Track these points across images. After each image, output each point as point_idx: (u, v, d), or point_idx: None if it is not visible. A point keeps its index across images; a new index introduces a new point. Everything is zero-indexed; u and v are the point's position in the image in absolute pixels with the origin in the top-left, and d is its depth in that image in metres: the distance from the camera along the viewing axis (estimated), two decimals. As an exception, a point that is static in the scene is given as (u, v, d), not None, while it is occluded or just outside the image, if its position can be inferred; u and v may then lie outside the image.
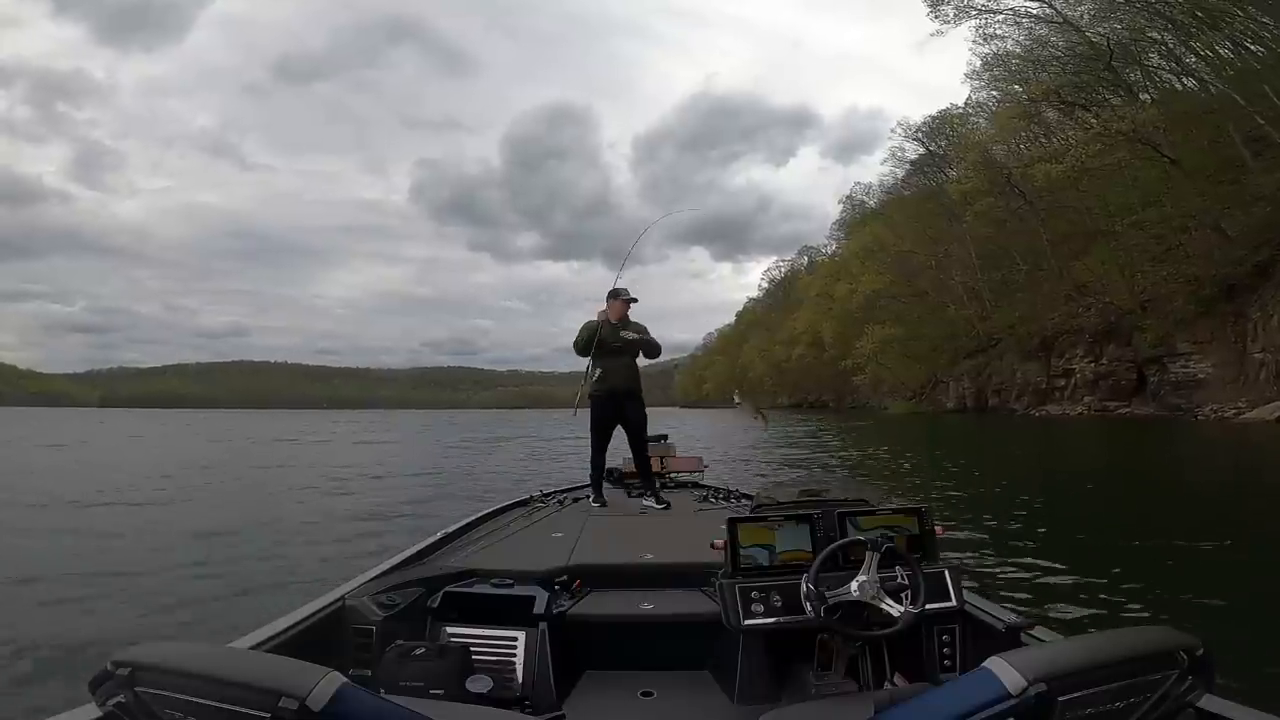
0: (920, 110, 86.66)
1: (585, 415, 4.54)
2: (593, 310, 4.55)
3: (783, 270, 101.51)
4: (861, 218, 64.02)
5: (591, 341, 4.41)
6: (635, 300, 4.50)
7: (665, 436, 5.77)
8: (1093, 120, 34.04)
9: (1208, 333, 28.39)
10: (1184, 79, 35.01)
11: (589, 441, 4.58)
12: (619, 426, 4.57)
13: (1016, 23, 38.05)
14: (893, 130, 56.44)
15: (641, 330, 4.49)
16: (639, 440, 4.57)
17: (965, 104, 47.75)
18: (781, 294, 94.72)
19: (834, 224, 73.74)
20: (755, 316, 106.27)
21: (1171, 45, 33.53)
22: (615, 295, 4.48)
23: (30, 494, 9.69)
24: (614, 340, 4.39)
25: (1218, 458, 14.49)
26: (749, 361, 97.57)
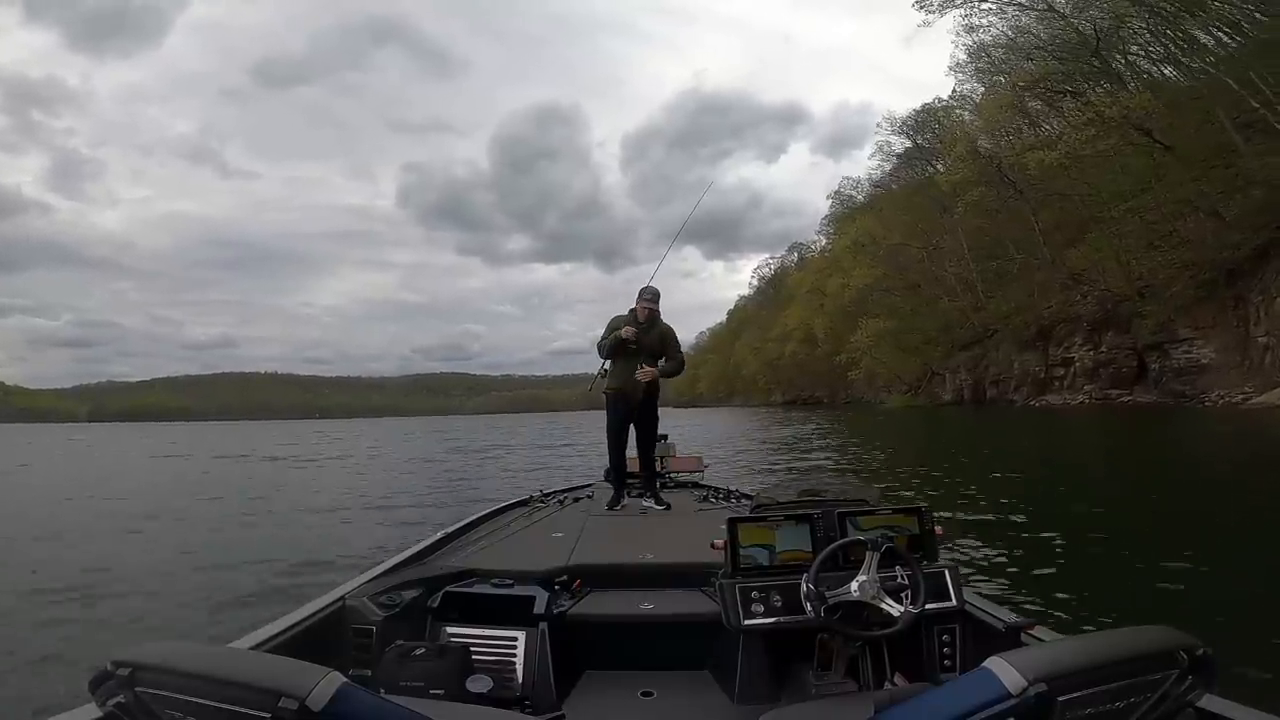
0: (911, 104, 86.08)
1: (593, 416, 4.31)
2: (586, 313, 4.40)
3: (773, 267, 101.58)
4: (851, 212, 63.71)
5: (611, 344, 4.40)
6: (650, 303, 4.40)
7: (665, 436, 5.69)
8: (1077, 108, 33.81)
9: (1209, 318, 28.08)
10: (1163, 66, 35.05)
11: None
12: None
13: (1001, 11, 37.92)
14: (879, 124, 56.13)
15: (666, 335, 4.46)
16: (647, 441, 4.60)
17: (950, 97, 47.78)
18: (772, 291, 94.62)
19: (823, 219, 73.41)
20: (747, 314, 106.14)
21: (1154, 32, 33.48)
22: (639, 295, 4.47)
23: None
24: (630, 340, 4.36)
25: (1235, 445, 14.00)
26: (742, 359, 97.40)
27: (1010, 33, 38.26)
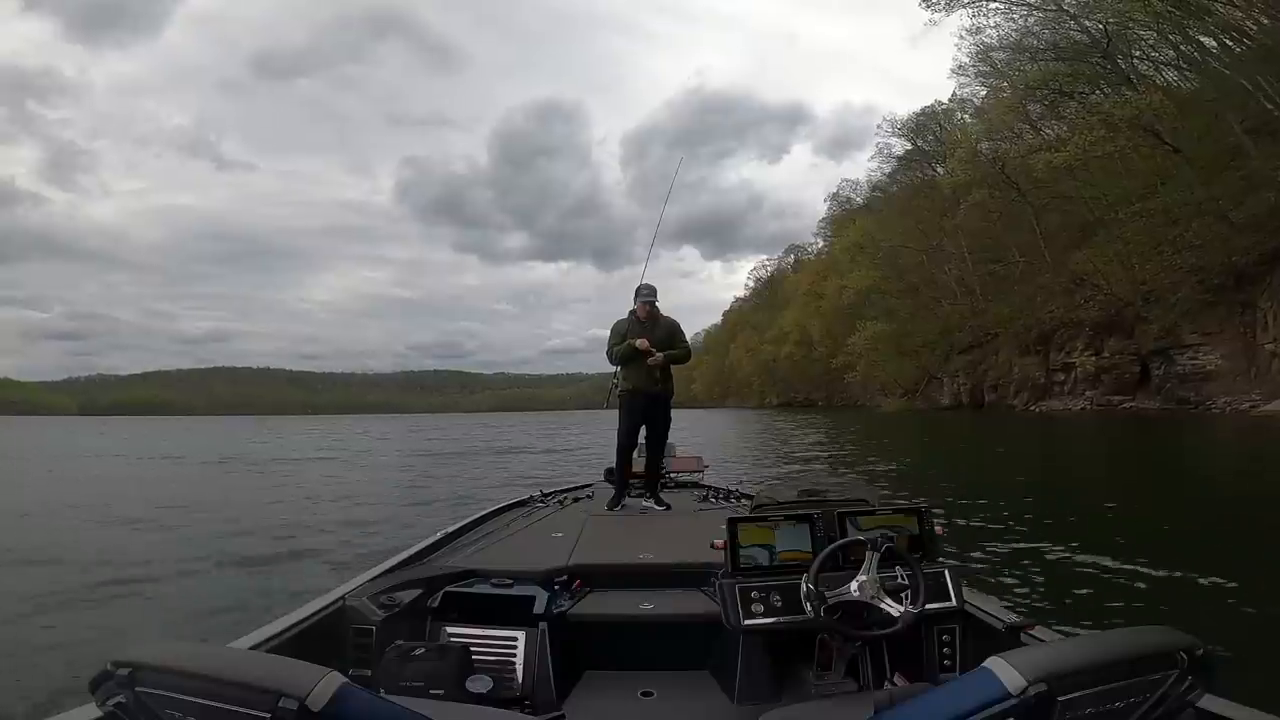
0: (913, 106, 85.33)
1: (590, 415, 3.90)
2: (582, 312, 4.20)
3: (769, 269, 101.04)
4: (849, 214, 63.23)
5: (624, 353, 4.36)
6: (648, 298, 4.39)
7: None
8: (1082, 112, 33.33)
9: (1215, 324, 27.62)
10: (1166, 71, 34.72)
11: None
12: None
13: (1008, 10, 37.41)
14: (879, 126, 55.70)
15: (672, 329, 4.47)
16: (657, 443, 4.55)
17: (951, 100, 47.54)
18: (769, 293, 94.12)
19: (821, 221, 72.91)
20: (742, 316, 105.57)
21: (1160, 34, 33.04)
22: (636, 294, 4.44)
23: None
24: (648, 350, 4.32)
25: (1244, 453, 13.49)
26: (737, 361, 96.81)
27: (1015, 34, 38.00)
